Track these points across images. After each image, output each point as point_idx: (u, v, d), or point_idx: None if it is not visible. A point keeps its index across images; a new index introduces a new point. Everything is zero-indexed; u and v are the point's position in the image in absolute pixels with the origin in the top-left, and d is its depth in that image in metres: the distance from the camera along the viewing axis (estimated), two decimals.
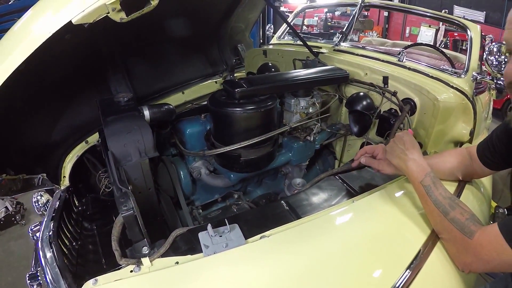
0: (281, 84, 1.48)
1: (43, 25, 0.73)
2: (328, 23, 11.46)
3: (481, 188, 1.32)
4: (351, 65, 1.88)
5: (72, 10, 0.71)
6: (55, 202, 1.55)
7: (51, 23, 0.71)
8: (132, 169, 0.94)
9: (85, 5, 0.70)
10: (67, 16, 0.71)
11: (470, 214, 0.85)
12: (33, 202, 1.95)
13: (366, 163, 1.21)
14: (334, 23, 11.72)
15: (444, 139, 1.68)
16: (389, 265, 0.82)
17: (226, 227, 0.89)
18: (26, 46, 0.74)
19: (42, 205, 1.94)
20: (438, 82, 1.72)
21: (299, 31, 4.30)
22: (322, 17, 11.56)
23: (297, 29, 4.03)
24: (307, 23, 11.02)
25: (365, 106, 1.59)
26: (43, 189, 1.78)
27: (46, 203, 1.94)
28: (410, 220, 0.97)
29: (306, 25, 10.68)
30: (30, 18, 0.81)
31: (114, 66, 1.64)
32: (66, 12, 0.71)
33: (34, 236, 1.72)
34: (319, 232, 0.91)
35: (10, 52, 0.78)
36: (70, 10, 0.71)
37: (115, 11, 0.73)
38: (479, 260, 0.80)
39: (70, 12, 0.71)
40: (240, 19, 2.44)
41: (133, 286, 0.81)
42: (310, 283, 0.77)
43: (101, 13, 0.72)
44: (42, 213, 1.94)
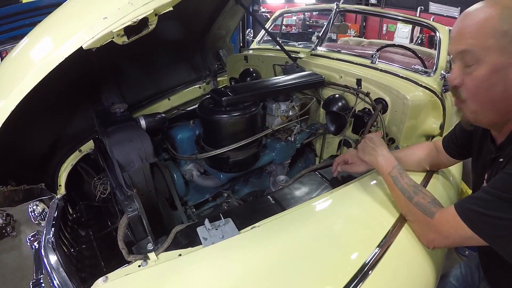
0: (263, 91, 1.61)
1: (56, 51, 0.81)
2: (307, 22, 11.60)
3: (450, 177, 1.46)
4: (327, 69, 2.01)
5: (82, 37, 0.80)
6: (54, 210, 1.60)
7: (63, 49, 0.80)
8: (135, 174, 1.04)
9: (94, 32, 0.80)
10: (78, 43, 0.80)
11: (431, 198, 0.98)
12: (29, 212, 2.00)
13: (343, 170, 1.35)
14: (313, 22, 11.86)
15: (415, 134, 1.82)
16: (362, 244, 0.95)
17: (221, 221, 1.01)
18: (39, 70, 0.83)
19: (38, 215, 1.99)
20: (408, 82, 1.87)
21: (278, 31, 4.41)
22: (301, 17, 11.73)
23: (276, 29, 4.13)
24: (286, 22, 11.13)
25: (340, 107, 1.74)
26: (38, 199, 1.84)
27: (42, 213, 2.00)
28: (380, 206, 1.11)
29: (285, 24, 10.81)
30: (41, 43, 0.90)
31: (106, 79, 1.72)
32: (77, 39, 0.80)
33: (32, 245, 1.77)
34: (302, 220, 1.04)
35: (23, 77, 0.87)
36: (81, 37, 0.80)
37: (119, 36, 0.83)
38: (440, 236, 0.92)
39: (80, 39, 0.80)
40: (222, 26, 2.52)
41: (143, 279, 0.89)
42: (296, 263, 0.89)
43: (108, 38, 0.82)
44: (38, 222, 1.99)
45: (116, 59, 1.76)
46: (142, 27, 0.87)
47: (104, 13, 0.80)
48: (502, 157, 0.89)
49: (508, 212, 0.77)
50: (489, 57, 0.79)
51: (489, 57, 0.79)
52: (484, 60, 0.80)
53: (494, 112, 0.86)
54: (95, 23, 0.80)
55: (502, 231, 0.79)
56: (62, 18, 0.93)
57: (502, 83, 0.79)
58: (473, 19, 0.82)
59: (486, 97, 0.83)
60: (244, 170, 1.71)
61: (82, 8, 0.88)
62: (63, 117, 1.70)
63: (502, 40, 0.77)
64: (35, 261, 1.63)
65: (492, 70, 0.79)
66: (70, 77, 1.23)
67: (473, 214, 0.83)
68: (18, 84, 0.87)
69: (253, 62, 2.47)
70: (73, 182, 1.82)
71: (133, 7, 0.80)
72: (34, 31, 0.99)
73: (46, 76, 0.85)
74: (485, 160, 1.02)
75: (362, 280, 0.84)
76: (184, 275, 0.89)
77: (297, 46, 2.57)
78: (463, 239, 0.86)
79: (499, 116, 0.86)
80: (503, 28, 0.76)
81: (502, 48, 0.77)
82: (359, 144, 1.27)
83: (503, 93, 0.80)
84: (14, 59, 1.01)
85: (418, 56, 2.47)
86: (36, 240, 1.77)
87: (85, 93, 1.75)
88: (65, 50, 0.81)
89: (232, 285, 0.85)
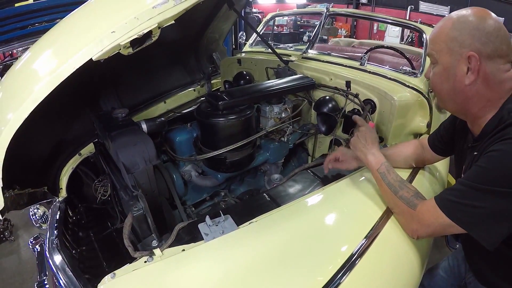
0: (257, 95, 1.69)
1: (67, 62, 0.87)
2: (298, 22, 11.68)
3: (436, 173, 1.54)
4: (318, 72, 2.09)
5: (92, 49, 0.87)
6: (56, 212, 1.64)
7: (74, 60, 0.87)
8: (140, 176, 1.11)
9: (103, 45, 0.86)
10: (88, 55, 0.87)
11: (414, 192, 1.07)
12: (30, 215, 2.05)
13: (333, 167, 1.43)
14: (304, 22, 11.94)
15: (404, 132, 1.91)
16: (350, 236, 1.03)
17: (221, 217, 1.08)
18: (52, 80, 0.89)
19: (39, 218, 2.03)
20: (395, 83, 1.96)
21: (270, 31, 4.48)
22: (292, 17, 11.82)
23: (268, 29, 4.19)
24: (277, 23, 11.20)
25: (331, 108, 1.82)
26: (39, 203, 1.88)
27: (42, 216, 2.04)
28: (368, 200, 1.19)
29: (276, 25, 10.88)
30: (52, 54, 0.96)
31: (104, 84, 1.78)
32: (87, 51, 0.87)
33: (34, 248, 1.81)
34: (297, 214, 1.12)
35: (35, 86, 0.93)
36: (91, 49, 0.87)
37: (125, 48, 0.90)
38: (422, 226, 1.00)
39: (90, 51, 0.87)
40: (215, 30, 2.59)
41: (149, 273, 0.94)
42: (290, 255, 0.97)
43: (115, 50, 0.89)
44: (39, 225, 2.04)
45: (115, 65, 1.82)
46: (146, 39, 0.93)
47: (112, 27, 0.87)
48: (477, 151, 0.99)
49: (481, 201, 0.86)
50: (443, 57, 0.99)
51: (443, 57, 0.99)
52: (439, 60, 1.00)
53: (453, 102, 1.04)
54: (104, 37, 0.86)
55: (476, 218, 0.87)
56: (72, 31, 0.99)
57: (452, 78, 0.98)
58: (435, 29, 1.02)
59: (442, 89, 1.04)
60: (240, 169, 1.78)
61: (92, 22, 0.95)
62: (64, 122, 1.75)
63: (451, 44, 0.96)
64: (38, 263, 1.67)
65: (444, 68, 0.99)
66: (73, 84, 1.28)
67: (450, 204, 0.92)
68: (31, 93, 0.93)
69: (246, 65, 2.54)
70: (72, 185, 1.85)
71: (139, 21, 0.87)
72: (43, 43, 1.06)
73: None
74: (463, 153, 1.12)
75: (350, 269, 0.92)
76: (188, 268, 0.95)
77: (289, 49, 2.64)
78: (443, 227, 0.95)
79: (457, 105, 1.04)
80: (453, 35, 0.95)
81: (451, 51, 0.96)
82: (352, 138, 1.34)
83: (454, 87, 0.99)
84: (23, 70, 1.07)
85: (406, 57, 2.57)
86: (38, 243, 1.81)
87: (84, 99, 1.80)
88: (76, 61, 0.87)
89: (232, 276, 0.92)
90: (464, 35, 0.93)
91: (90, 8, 1.05)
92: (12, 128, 0.97)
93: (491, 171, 0.85)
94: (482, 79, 0.94)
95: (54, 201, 1.73)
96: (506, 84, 0.94)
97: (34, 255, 1.76)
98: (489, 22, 0.92)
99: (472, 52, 0.92)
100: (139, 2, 0.91)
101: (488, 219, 0.86)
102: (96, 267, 1.52)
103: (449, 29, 0.96)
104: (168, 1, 0.89)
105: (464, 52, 0.93)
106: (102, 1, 1.04)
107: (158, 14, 0.89)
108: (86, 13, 1.04)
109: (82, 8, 1.08)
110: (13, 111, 0.97)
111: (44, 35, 1.10)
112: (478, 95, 0.96)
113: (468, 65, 0.93)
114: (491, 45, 0.91)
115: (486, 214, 0.86)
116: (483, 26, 0.91)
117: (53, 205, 1.71)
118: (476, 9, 0.96)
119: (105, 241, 1.77)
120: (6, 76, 1.23)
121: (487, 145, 0.92)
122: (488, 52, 0.91)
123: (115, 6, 0.97)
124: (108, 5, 1.00)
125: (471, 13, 0.95)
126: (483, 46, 0.91)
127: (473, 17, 0.94)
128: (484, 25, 0.91)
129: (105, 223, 1.92)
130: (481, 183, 0.86)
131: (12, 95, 1.08)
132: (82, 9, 1.07)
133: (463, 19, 0.95)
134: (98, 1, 1.06)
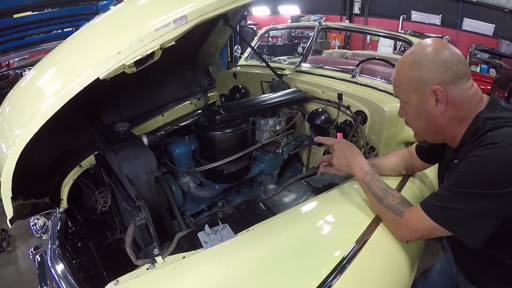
0: (252, 109, 1.77)
1: (76, 80, 0.94)
2: (292, 33, 11.88)
3: (426, 180, 1.59)
4: (311, 85, 2.18)
5: (99, 69, 0.94)
6: (57, 222, 1.68)
7: (82, 79, 0.94)
8: (142, 187, 1.17)
9: (109, 65, 0.93)
10: (96, 74, 0.93)
11: (399, 199, 1.12)
12: (30, 225, 2.08)
13: (325, 171, 1.47)
14: (298, 33, 12.13)
15: (395, 141, 1.97)
16: (342, 241, 1.09)
17: (219, 226, 1.14)
18: (61, 97, 0.95)
19: (39, 228, 2.07)
20: (386, 94, 2.03)
21: (265, 43, 4.59)
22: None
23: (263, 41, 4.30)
24: (272, 34, 11.37)
25: (324, 120, 1.90)
26: (39, 214, 1.92)
27: (43, 226, 2.07)
28: (358, 208, 1.24)
29: (270, 36, 11.05)
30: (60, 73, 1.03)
31: (105, 98, 1.84)
32: (95, 70, 0.94)
33: (35, 258, 1.84)
34: (291, 222, 1.18)
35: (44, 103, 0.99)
36: (97, 69, 0.94)
37: (130, 67, 0.97)
38: (410, 230, 1.06)
39: (97, 70, 0.94)
40: (211, 45, 2.65)
41: (152, 279, 0.98)
42: (285, 260, 1.02)
43: (120, 69, 0.96)
44: (40, 235, 2.07)
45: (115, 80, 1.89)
46: (149, 59, 1.01)
47: (118, 48, 0.94)
48: (457, 159, 1.06)
49: (462, 203, 0.92)
50: (410, 98, 1.06)
51: (410, 98, 1.06)
52: (408, 100, 1.07)
53: (429, 134, 1.12)
54: (110, 57, 0.93)
55: (459, 220, 0.94)
56: (80, 51, 1.06)
57: (424, 113, 1.05)
58: (396, 71, 1.08)
59: (417, 125, 1.12)
60: (237, 180, 1.84)
61: (98, 43, 1.02)
62: (65, 134, 1.79)
63: (414, 84, 1.02)
64: (39, 273, 1.69)
65: (415, 107, 1.06)
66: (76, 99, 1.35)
67: (434, 208, 0.99)
68: (40, 110, 0.99)
69: (241, 79, 2.62)
70: (71, 196, 1.88)
71: (142, 43, 0.94)
72: (50, 60, 1.13)
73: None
74: (446, 162, 1.19)
75: (341, 272, 0.97)
76: (188, 274, 1.00)
77: (283, 63, 2.73)
78: (429, 230, 1.00)
79: (434, 135, 1.12)
80: (413, 76, 1.02)
81: (416, 90, 1.03)
82: (333, 160, 1.36)
83: (428, 120, 1.06)
84: (31, 86, 1.13)
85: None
86: (38, 253, 1.84)
87: (86, 112, 1.86)
88: (85, 79, 0.94)
89: (230, 281, 0.97)
90: (423, 72, 0.99)
91: (96, 29, 1.12)
92: (22, 143, 1.03)
93: (470, 176, 0.92)
94: (451, 105, 1.00)
95: (55, 212, 1.76)
96: (474, 99, 1.01)
97: (35, 265, 1.78)
98: (442, 51, 0.98)
99: (436, 86, 0.98)
100: (143, 25, 0.98)
101: (471, 220, 0.93)
102: (97, 277, 1.55)
103: (407, 71, 1.03)
104: (169, 24, 0.97)
105: (428, 88, 0.99)
106: (108, 23, 1.11)
107: (160, 36, 0.96)
108: (93, 33, 1.11)
109: (88, 28, 1.15)
110: (23, 127, 1.04)
111: (51, 53, 1.16)
112: (451, 119, 1.03)
113: (436, 97, 0.99)
114: (450, 71, 0.97)
115: (468, 216, 0.92)
116: (438, 57, 0.98)
117: (54, 215, 1.75)
118: (425, 42, 1.03)
119: (105, 251, 1.80)
120: (12, 93, 1.30)
121: (465, 152, 0.98)
122: (449, 79, 0.98)
123: (120, 28, 1.04)
124: (113, 27, 1.07)
125: (423, 49, 1.01)
126: (443, 76, 0.97)
127: (426, 52, 1.00)
128: (439, 56, 0.98)
129: (104, 234, 1.96)
130: (461, 187, 0.93)
131: (21, 111, 1.13)
132: (88, 29, 1.15)
133: (418, 57, 1.01)
134: (103, 22, 1.12)
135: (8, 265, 2.95)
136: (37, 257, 1.82)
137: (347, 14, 12.40)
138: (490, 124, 0.96)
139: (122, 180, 1.28)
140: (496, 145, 0.88)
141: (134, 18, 1.05)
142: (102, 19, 1.11)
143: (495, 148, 0.89)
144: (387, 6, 11.51)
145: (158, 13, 0.98)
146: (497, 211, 0.91)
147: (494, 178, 0.88)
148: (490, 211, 0.91)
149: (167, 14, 0.97)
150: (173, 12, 0.98)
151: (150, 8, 1.05)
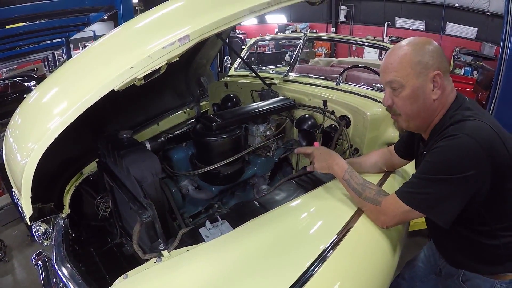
0: (245, 116, 1.93)
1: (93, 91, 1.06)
2: (280, 42, 12.09)
3: (406, 176, 1.69)
4: (298, 93, 2.34)
5: (114, 81, 1.06)
6: (62, 227, 1.77)
7: (99, 90, 1.06)
8: (149, 187, 1.29)
9: (123, 78, 1.06)
10: (111, 86, 1.06)
11: (376, 190, 1.25)
12: (33, 232, 2.14)
13: (310, 169, 1.59)
14: (285, 42, 12.34)
15: (378, 143, 2.13)
16: (325, 232, 1.22)
17: (219, 221, 1.27)
18: (80, 106, 1.06)
19: (41, 234, 2.13)
20: (368, 99, 2.20)
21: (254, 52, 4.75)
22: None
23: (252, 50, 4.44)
24: (260, 44, 11.51)
25: (310, 125, 2.05)
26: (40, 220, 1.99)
27: (45, 232, 2.14)
28: (342, 202, 1.37)
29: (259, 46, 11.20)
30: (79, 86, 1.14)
31: (106, 108, 1.95)
32: (111, 82, 1.06)
33: (37, 263, 1.90)
34: (282, 216, 1.31)
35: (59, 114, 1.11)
36: (113, 81, 1.06)
37: (139, 80, 1.10)
38: (388, 216, 1.19)
39: (113, 83, 1.06)
40: (203, 56, 2.80)
41: (159, 271, 1.08)
42: (276, 251, 1.14)
43: (132, 82, 1.08)
44: (42, 241, 2.13)
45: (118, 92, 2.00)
46: (156, 72, 1.14)
47: (130, 63, 1.07)
48: (425, 150, 1.21)
49: (430, 188, 1.07)
50: (409, 81, 1.12)
51: (409, 81, 1.12)
52: (407, 84, 1.12)
53: (421, 119, 1.19)
54: (124, 71, 1.06)
55: (429, 202, 1.08)
56: (95, 65, 1.19)
57: (422, 97, 1.13)
58: (395, 56, 1.14)
59: (412, 109, 1.16)
60: (232, 182, 1.98)
61: (114, 59, 1.15)
62: (70, 142, 1.89)
63: (416, 67, 1.10)
64: (44, 278, 1.76)
65: (413, 90, 1.12)
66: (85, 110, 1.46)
67: (407, 194, 1.13)
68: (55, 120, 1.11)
69: (232, 88, 2.75)
70: (73, 202, 1.96)
71: (152, 59, 1.08)
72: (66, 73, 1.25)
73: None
74: (418, 156, 1.34)
75: (323, 261, 1.07)
76: (192, 265, 1.11)
77: (271, 72, 2.88)
78: (405, 214, 1.14)
79: (424, 121, 1.19)
80: (416, 59, 1.10)
81: (417, 73, 1.10)
82: (316, 167, 1.49)
83: (423, 104, 1.14)
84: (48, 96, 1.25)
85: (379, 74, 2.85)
86: (41, 258, 1.91)
87: (89, 122, 1.96)
88: (102, 90, 1.07)
89: (230, 269, 1.08)
90: (426, 58, 1.09)
91: (110, 46, 1.26)
92: (41, 150, 1.14)
93: (435, 164, 1.08)
94: (442, 92, 1.14)
95: (57, 218, 1.83)
96: (451, 94, 1.17)
97: (38, 271, 1.84)
98: (436, 45, 1.14)
99: (437, 71, 1.09)
100: (152, 43, 1.11)
101: (439, 201, 1.07)
102: (100, 280, 1.57)
103: (411, 55, 1.10)
104: (175, 43, 1.10)
105: (429, 72, 1.10)
106: (121, 41, 1.26)
107: (167, 53, 1.09)
108: (107, 50, 1.25)
109: (101, 44, 1.29)
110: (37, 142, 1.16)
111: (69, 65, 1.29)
112: (440, 104, 1.17)
113: (433, 83, 1.11)
114: (445, 63, 1.13)
115: (437, 198, 1.07)
116: (436, 48, 1.12)
117: (57, 221, 1.83)
118: (419, 37, 1.17)
119: (106, 255, 1.88)
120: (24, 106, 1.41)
121: (432, 144, 1.14)
122: (444, 68, 1.13)
123: (132, 46, 1.18)
124: (126, 45, 1.21)
125: (420, 40, 1.13)
126: (441, 64, 1.12)
127: (424, 42, 1.12)
128: (436, 47, 1.12)
129: (105, 239, 2.04)
130: (428, 173, 1.08)
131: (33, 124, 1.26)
132: (101, 46, 1.28)
133: (420, 45, 1.11)
134: (116, 40, 1.27)
135: (6, 274, 2.97)
136: (40, 263, 1.88)
137: (333, 22, 12.68)
138: (453, 119, 1.11)
139: (128, 183, 1.40)
140: (456, 136, 1.04)
141: (144, 38, 1.18)
142: (114, 37, 1.25)
143: (454, 139, 1.04)
144: (372, 13, 11.82)
145: (165, 33, 1.12)
146: (461, 192, 1.05)
147: (454, 165, 1.03)
148: (455, 193, 1.05)
149: (172, 34, 1.11)
150: (177, 32, 1.11)
151: (158, 29, 1.20)
